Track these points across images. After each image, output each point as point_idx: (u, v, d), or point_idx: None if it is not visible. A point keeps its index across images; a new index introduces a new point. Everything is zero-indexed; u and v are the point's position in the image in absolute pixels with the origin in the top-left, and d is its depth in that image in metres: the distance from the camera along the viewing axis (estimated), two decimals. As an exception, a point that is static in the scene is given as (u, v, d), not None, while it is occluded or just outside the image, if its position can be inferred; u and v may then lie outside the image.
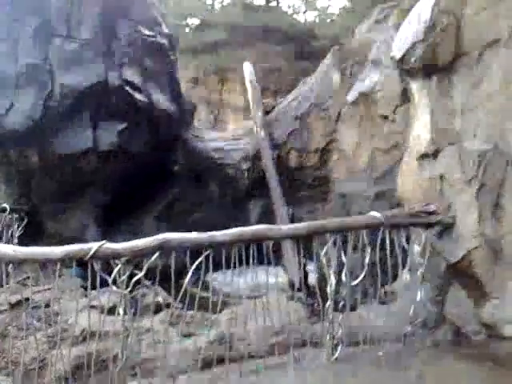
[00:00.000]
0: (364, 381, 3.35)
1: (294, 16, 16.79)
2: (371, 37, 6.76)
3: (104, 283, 3.41)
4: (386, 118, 5.79)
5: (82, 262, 3.33)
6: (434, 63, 3.99)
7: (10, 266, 3.39)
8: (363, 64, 6.74)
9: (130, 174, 6.97)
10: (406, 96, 5.25)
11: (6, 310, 4.05)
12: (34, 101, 6.32)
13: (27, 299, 4.24)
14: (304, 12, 16.77)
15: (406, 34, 4.17)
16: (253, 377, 3.38)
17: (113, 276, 3.29)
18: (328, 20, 14.49)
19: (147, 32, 7.42)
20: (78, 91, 6.49)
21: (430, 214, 3.95)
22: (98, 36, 6.76)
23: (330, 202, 7.16)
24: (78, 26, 6.75)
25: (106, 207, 6.97)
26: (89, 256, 3.23)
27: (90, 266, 3.27)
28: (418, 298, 3.84)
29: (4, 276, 3.42)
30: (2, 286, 3.90)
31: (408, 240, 4.17)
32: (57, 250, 3.29)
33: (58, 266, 3.35)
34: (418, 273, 3.91)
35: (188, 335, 3.76)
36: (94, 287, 3.38)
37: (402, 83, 5.29)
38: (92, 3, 6.72)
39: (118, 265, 3.30)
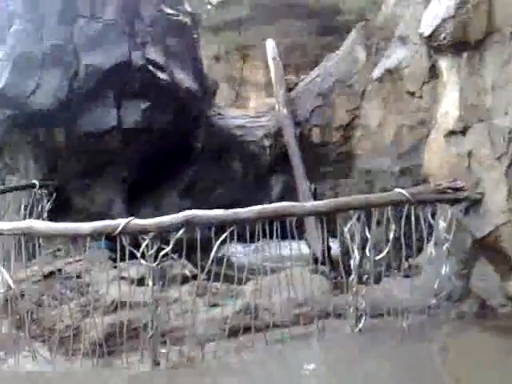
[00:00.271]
0: (388, 351, 3.40)
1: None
2: (398, 12, 6.57)
3: (132, 256, 3.53)
4: (412, 94, 5.68)
5: (110, 237, 3.47)
6: (465, 40, 3.91)
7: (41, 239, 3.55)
8: (389, 40, 6.59)
9: (154, 151, 7.06)
10: (433, 72, 5.14)
11: (39, 281, 4.24)
12: (60, 81, 6.43)
13: (59, 270, 4.44)
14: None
15: (436, 11, 4.07)
16: (278, 346, 3.48)
17: (141, 250, 3.41)
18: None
19: (170, 11, 7.41)
20: (102, 71, 6.56)
21: (457, 190, 3.93)
22: (121, 16, 6.79)
23: (354, 177, 7.12)
24: (101, 6, 6.79)
25: (130, 183, 7.11)
26: (117, 231, 3.35)
27: (118, 240, 3.39)
28: (443, 272, 3.84)
29: (36, 248, 3.59)
30: (35, 257, 4.06)
31: (433, 215, 4.15)
32: (85, 226, 3.43)
33: (88, 241, 3.50)
34: (444, 247, 3.90)
35: (214, 305, 3.86)
36: (122, 259, 3.52)
37: (429, 60, 5.16)
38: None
39: (145, 240, 3.41)
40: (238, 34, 14.79)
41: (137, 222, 3.42)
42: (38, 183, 6.26)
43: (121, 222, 3.35)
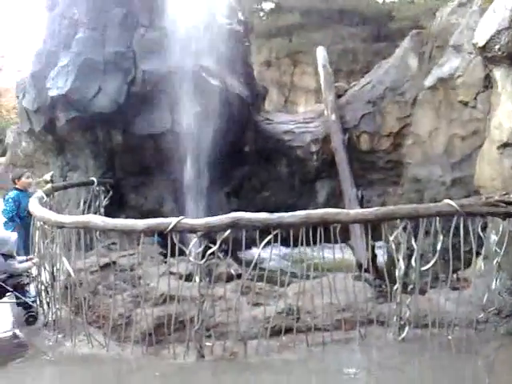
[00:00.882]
0: (431, 361, 3.36)
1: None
2: (453, 20, 6.45)
3: (182, 252, 3.71)
4: (466, 104, 5.55)
5: (162, 234, 3.67)
6: (520, 51, 3.81)
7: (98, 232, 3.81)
8: (443, 48, 6.47)
9: (204, 153, 7.31)
10: (488, 82, 5.01)
11: (96, 271, 4.53)
12: (119, 85, 6.80)
13: (114, 262, 4.72)
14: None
15: (491, 21, 4.00)
16: (319, 348, 3.53)
17: (190, 248, 3.58)
18: (407, 1, 13.85)
19: (224, 20, 7.65)
20: (158, 76, 6.89)
21: (510, 204, 3.80)
22: (177, 25, 7.09)
23: (403, 185, 7.02)
24: (159, 15, 7.13)
25: (182, 183, 7.39)
26: (168, 229, 3.54)
27: (169, 237, 3.58)
28: (494, 286, 3.74)
29: (94, 241, 3.85)
30: (91, 249, 4.34)
31: (484, 228, 4.05)
32: (140, 223, 3.65)
33: (142, 237, 3.72)
34: (495, 261, 3.80)
35: (257, 304, 3.97)
36: (172, 255, 3.71)
37: (484, 69, 5.04)
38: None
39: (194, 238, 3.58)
40: (289, 41, 14.93)
41: (186, 221, 3.59)
42: (96, 181, 6.64)
43: (172, 221, 3.54)
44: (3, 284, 4.30)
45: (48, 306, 4.30)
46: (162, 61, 6.94)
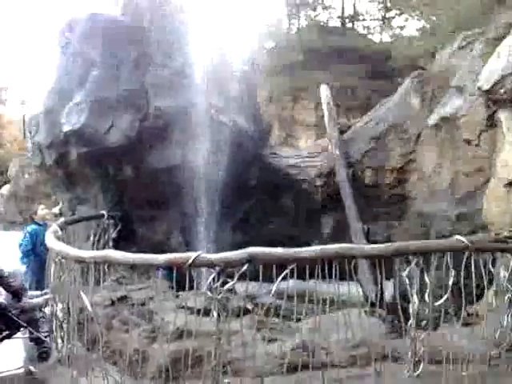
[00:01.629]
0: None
1: (370, 37, 16.86)
2: (454, 62, 6.77)
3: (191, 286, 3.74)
4: (469, 142, 5.75)
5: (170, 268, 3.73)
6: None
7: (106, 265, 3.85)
8: (444, 89, 6.76)
9: (212, 187, 7.46)
10: (491, 122, 5.22)
11: (108, 306, 4.56)
12: (132, 121, 7.01)
13: (126, 296, 4.75)
14: (380, 32, 16.79)
15: (495, 66, 4.23)
16: (335, 385, 3.53)
17: (208, 282, 3.63)
18: (404, 41, 14.40)
19: (233, 59, 7.96)
20: (170, 113, 7.12)
21: (519, 240, 3.90)
22: (188, 64, 7.39)
23: (407, 220, 7.14)
24: (171, 55, 7.43)
25: (189, 216, 7.49)
26: (188, 264, 3.60)
27: (187, 272, 3.64)
28: (505, 323, 3.79)
29: (102, 275, 3.90)
30: (100, 283, 4.34)
31: (493, 262, 4.13)
32: (160, 258, 3.70)
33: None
34: (506, 297, 3.86)
35: (272, 340, 3.99)
36: (183, 289, 3.74)
37: (487, 110, 5.25)
38: (185, 34, 7.38)
39: (212, 273, 3.65)
40: (290, 78, 15.39)
41: (205, 255, 3.66)
42: (105, 214, 6.73)
43: (191, 256, 3.61)
44: (17, 319, 4.31)
45: (62, 341, 4.29)
46: (174, 98, 7.18)
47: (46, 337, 4.41)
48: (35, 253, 5.54)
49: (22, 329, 4.40)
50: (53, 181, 7.96)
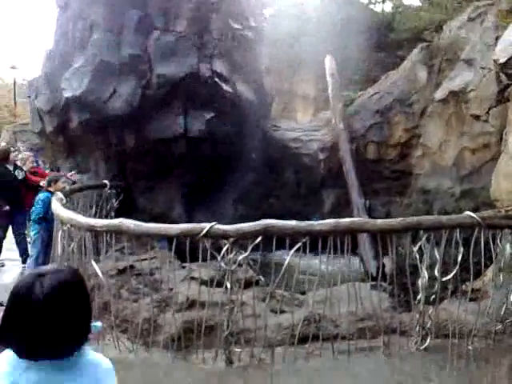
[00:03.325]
0: (453, 372, 3.46)
1: (371, 6, 16.46)
2: (463, 34, 6.63)
3: (192, 257, 3.74)
4: (477, 117, 5.71)
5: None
6: (541, 68, 3.96)
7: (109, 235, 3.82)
8: (453, 62, 6.64)
9: (214, 158, 7.37)
10: (501, 97, 5.16)
11: (115, 275, 4.56)
12: (134, 89, 6.83)
13: (132, 266, 4.73)
14: (382, 1, 16.38)
15: (512, 38, 4.14)
16: (344, 356, 3.60)
17: (222, 253, 3.63)
18: (409, 12, 14.09)
19: (236, 26, 7.73)
20: (173, 81, 6.93)
21: (529, 217, 3.92)
22: (191, 29, 7.15)
23: (410, 196, 7.16)
24: (174, 19, 7.17)
25: (190, 188, 7.43)
26: (201, 234, 3.58)
27: (200, 243, 3.63)
28: (511, 298, 3.85)
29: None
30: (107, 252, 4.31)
31: (500, 240, 4.17)
32: (173, 228, 3.69)
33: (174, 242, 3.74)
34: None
35: (279, 312, 4.02)
36: (183, 260, 3.73)
37: (498, 85, 5.19)
38: (189, -3, 7.11)
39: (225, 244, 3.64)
40: (290, 48, 15.05)
41: (219, 227, 3.64)
42: (108, 183, 6.65)
43: (205, 226, 3.59)
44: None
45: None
46: (177, 65, 6.98)
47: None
48: (47, 220, 5.49)
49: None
50: (52, 148, 7.81)
